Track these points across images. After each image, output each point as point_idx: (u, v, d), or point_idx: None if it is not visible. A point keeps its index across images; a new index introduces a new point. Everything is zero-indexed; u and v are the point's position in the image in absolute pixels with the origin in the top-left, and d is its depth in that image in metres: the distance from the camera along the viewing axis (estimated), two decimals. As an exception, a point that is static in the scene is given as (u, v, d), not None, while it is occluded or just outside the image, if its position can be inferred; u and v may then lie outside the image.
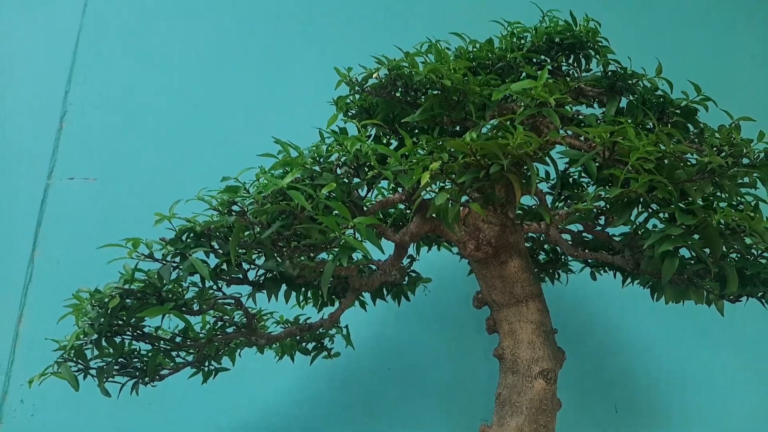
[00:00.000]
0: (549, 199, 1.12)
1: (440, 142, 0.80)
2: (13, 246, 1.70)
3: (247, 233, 0.80)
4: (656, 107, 1.01)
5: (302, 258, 0.81)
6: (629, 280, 1.27)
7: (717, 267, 0.77)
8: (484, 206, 0.83)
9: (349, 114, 1.06)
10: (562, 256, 1.43)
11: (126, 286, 0.88)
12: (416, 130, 0.98)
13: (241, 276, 0.92)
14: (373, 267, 1.20)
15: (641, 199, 0.81)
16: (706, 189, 0.81)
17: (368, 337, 1.65)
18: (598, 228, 1.07)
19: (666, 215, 0.83)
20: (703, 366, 1.75)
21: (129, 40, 1.94)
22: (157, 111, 1.88)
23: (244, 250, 0.88)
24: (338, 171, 0.82)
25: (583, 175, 1.18)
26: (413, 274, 1.41)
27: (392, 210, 1.32)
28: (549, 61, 1.10)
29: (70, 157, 1.80)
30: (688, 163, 0.89)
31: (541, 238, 1.41)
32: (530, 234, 1.31)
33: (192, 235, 0.89)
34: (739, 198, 0.94)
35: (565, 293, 1.55)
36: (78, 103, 1.86)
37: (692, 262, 0.82)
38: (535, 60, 1.08)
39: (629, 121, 0.96)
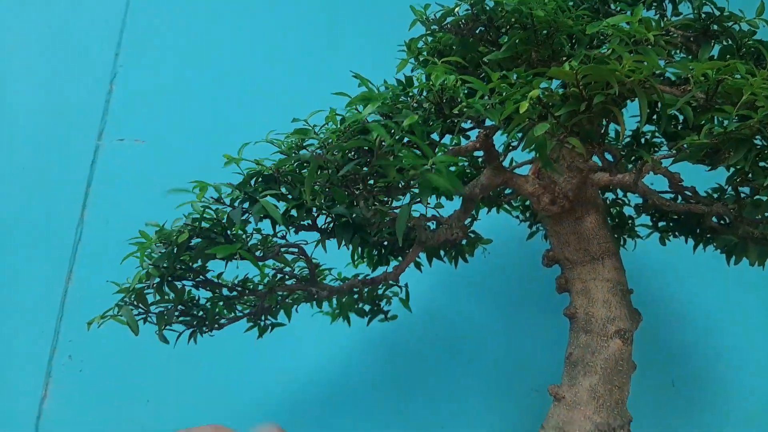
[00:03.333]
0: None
1: (530, 77, 0.74)
2: (62, 206, 1.70)
3: (320, 174, 0.75)
4: (752, 54, 0.93)
5: (379, 198, 0.76)
6: (701, 246, 1.21)
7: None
8: (586, 142, 0.77)
9: (420, 60, 1.01)
10: (629, 221, 1.37)
11: (195, 224, 0.85)
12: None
13: (310, 222, 0.88)
14: (431, 225, 1.16)
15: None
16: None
17: (420, 302, 1.61)
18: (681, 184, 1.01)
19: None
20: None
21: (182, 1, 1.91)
22: (208, 74, 1.85)
23: (312, 196, 0.84)
24: (421, 107, 0.76)
25: (657, 135, 1.11)
26: (472, 235, 1.37)
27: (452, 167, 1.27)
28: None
29: (120, 119, 1.79)
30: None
31: (608, 201, 1.34)
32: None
33: (260, 180, 0.86)
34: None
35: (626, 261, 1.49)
36: (128, 65, 1.84)
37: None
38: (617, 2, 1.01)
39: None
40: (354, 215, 0.85)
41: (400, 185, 0.77)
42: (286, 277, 1.10)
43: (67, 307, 1.61)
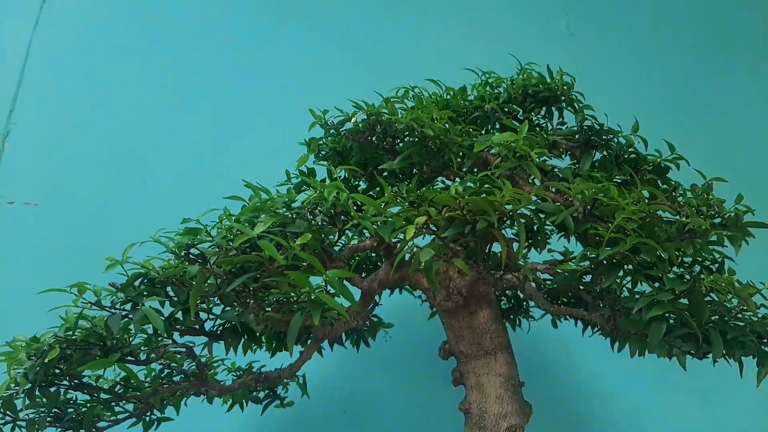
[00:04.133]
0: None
1: (422, 194, 0.76)
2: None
3: (209, 283, 0.73)
4: (629, 163, 1.01)
5: (269, 310, 0.74)
6: (589, 329, 1.27)
7: (702, 332, 0.76)
8: (466, 261, 0.79)
9: (320, 155, 1.01)
10: (524, 302, 1.41)
11: (68, 335, 0.79)
12: (387, 176, 0.94)
13: (197, 326, 0.84)
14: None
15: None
16: (687, 250, 0.80)
17: (323, 380, 1.58)
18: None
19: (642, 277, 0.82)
20: (659, 407, 1.75)
21: (81, 60, 1.85)
22: (109, 136, 1.78)
23: (201, 301, 0.81)
24: (313, 219, 0.76)
25: (547, 223, 1.17)
26: (374, 319, 1.36)
27: (357, 254, 1.27)
28: (523, 112, 1.10)
29: (11, 180, 1.69)
30: (664, 221, 0.89)
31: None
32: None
33: (145, 281, 0.81)
34: (706, 256, 0.94)
35: (523, 340, 1.53)
36: (23, 123, 1.75)
37: (674, 324, 0.80)
38: (507, 110, 1.07)
39: (603, 176, 0.96)
40: (243, 321, 0.82)
41: (292, 299, 0.76)
42: (174, 372, 1.05)
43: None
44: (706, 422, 1.75)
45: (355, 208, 0.80)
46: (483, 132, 0.99)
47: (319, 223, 0.79)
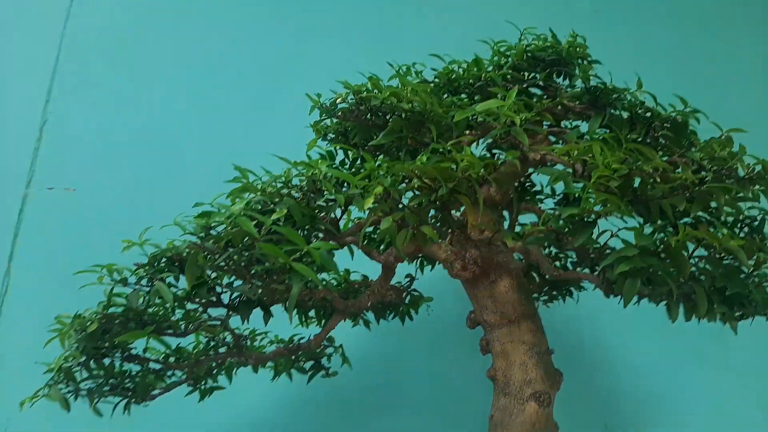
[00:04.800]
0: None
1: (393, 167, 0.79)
2: (-12, 257, 1.65)
3: (207, 259, 0.81)
4: (644, 121, 0.96)
5: (260, 282, 0.81)
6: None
7: (684, 288, 0.73)
8: (442, 228, 0.81)
9: (329, 138, 1.07)
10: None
11: (104, 311, 0.91)
12: (384, 153, 0.97)
13: (214, 299, 0.93)
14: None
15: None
16: (680, 205, 0.77)
17: (360, 351, 1.61)
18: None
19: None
20: (694, 382, 1.69)
21: (113, 48, 1.89)
22: (141, 121, 1.82)
23: (215, 274, 0.90)
24: (297, 195, 0.82)
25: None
26: (415, 293, 1.39)
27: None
28: (537, 77, 1.08)
29: (50, 167, 1.73)
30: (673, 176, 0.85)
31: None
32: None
33: (165, 259, 0.91)
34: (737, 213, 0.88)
35: (556, 311, 1.48)
36: (59, 111, 1.79)
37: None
38: (516, 77, 1.06)
39: (611, 136, 0.93)
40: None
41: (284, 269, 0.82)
42: (219, 344, 1.15)
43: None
44: (741, 397, 1.67)
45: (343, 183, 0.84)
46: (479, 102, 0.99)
47: (306, 200, 0.84)
